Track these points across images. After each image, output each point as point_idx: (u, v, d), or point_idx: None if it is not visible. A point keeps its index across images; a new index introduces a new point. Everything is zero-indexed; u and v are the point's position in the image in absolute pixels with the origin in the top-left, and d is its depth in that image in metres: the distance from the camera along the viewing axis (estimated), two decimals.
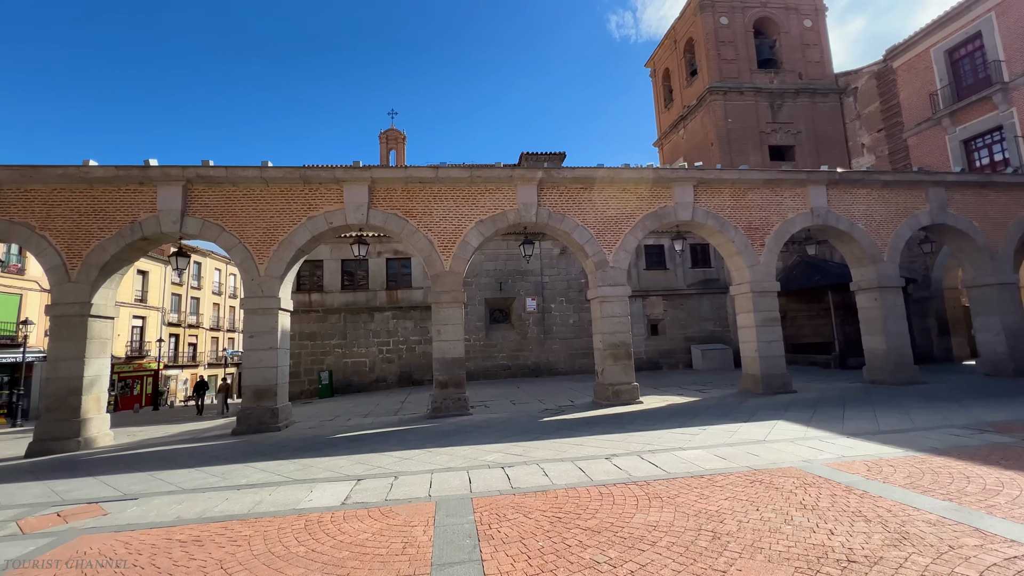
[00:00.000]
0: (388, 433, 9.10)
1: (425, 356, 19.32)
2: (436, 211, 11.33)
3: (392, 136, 26.20)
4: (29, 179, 10.07)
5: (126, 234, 10.34)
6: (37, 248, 10.09)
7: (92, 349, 10.09)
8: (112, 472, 7.07)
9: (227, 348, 40.79)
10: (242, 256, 10.57)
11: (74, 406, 9.72)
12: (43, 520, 4.99)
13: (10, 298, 23.06)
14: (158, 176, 10.41)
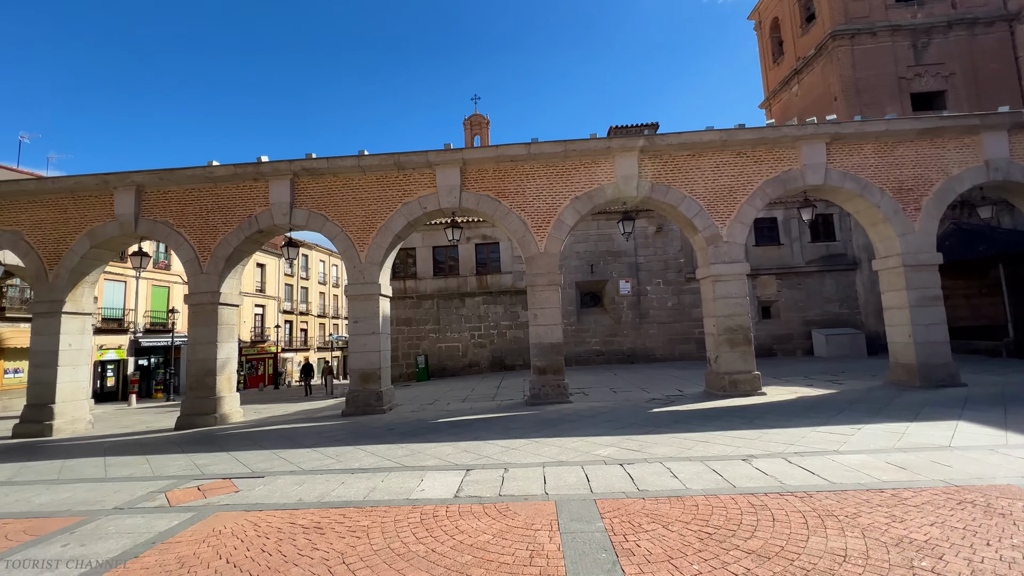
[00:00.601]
0: (489, 420, 8.88)
1: (516, 341, 19.16)
2: (529, 190, 10.82)
3: (476, 121, 26.20)
4: (166, 181, 11.16)
5: (245, 227, 11.12)
6: (175, 243, 11.20)
7: (222, 334, 11.04)
8: (242, 449, 7.57)
9: (332, 334, 44.32)
10: (344, 244, 10.90)
11: (210, 385, 10.73)
12: (187, 493, 5.31)
13: (161, 290, 26.73)
14: (269, 172, 11.01)
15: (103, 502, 5.17)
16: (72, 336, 11.32)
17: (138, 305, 25.37)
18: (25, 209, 11.38)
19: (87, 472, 6.61)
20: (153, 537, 4.08)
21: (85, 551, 3.87)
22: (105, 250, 11.59)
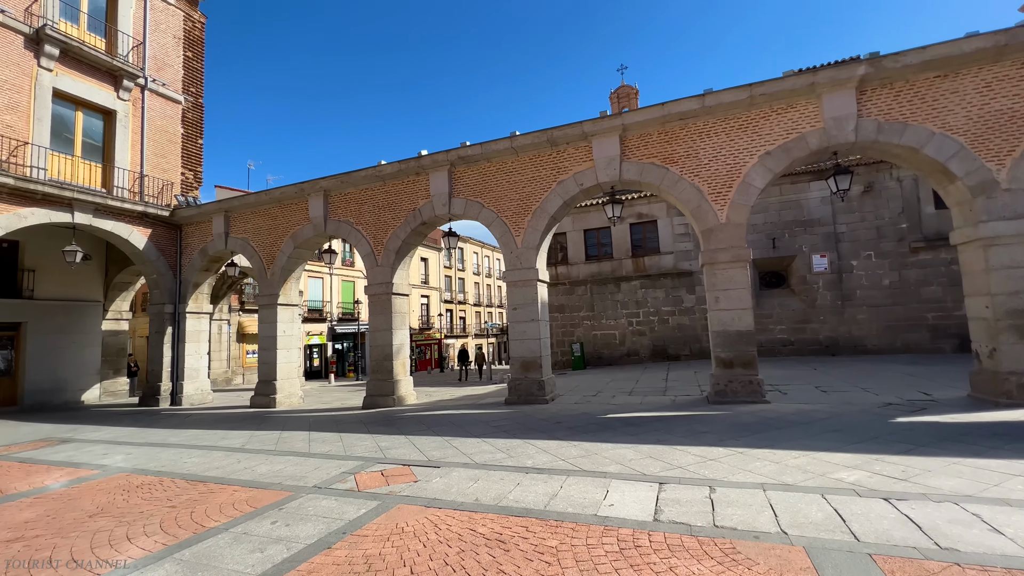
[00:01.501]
0: (668, 419, 7.72)
1: (680, 328, 17.28)
2: (704, 151, 9.19)
3: (624, 93, 24.42)
4: (345, 184, 12.30)
5: (410, 220, 11.66)
6: (355, 240, 12.29)
7: (396, 321, 11.81)
8: (417, 433, 7.74)
9: (487, 321, 46.83)
10: (500, 230, 10.67)
11: (388, 369, 11.57)
12: (372, 478, 5.38)
13: (348, 284, 31.00)
14: (429, 164, 11.33)
15: (305, 478, 5.51)
16: (285, 324, 13.30)
17: (332, 298, 29.81)
18: (249, 219, 13.67)
19: (296, 445, 7.36)
20: (343, 526, 4.02)
21: (289, 532, 3.96)
22: (304, 249, 13.32)
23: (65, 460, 7.10)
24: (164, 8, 15.00)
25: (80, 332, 15.38)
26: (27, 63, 11.73)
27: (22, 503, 5.16)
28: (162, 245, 14.13)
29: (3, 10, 11.34)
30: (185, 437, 8.56)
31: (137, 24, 14.16)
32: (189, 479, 5.77)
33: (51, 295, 14.74)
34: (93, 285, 15.90)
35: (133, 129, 13.83)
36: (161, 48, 14.78)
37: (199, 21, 16.13)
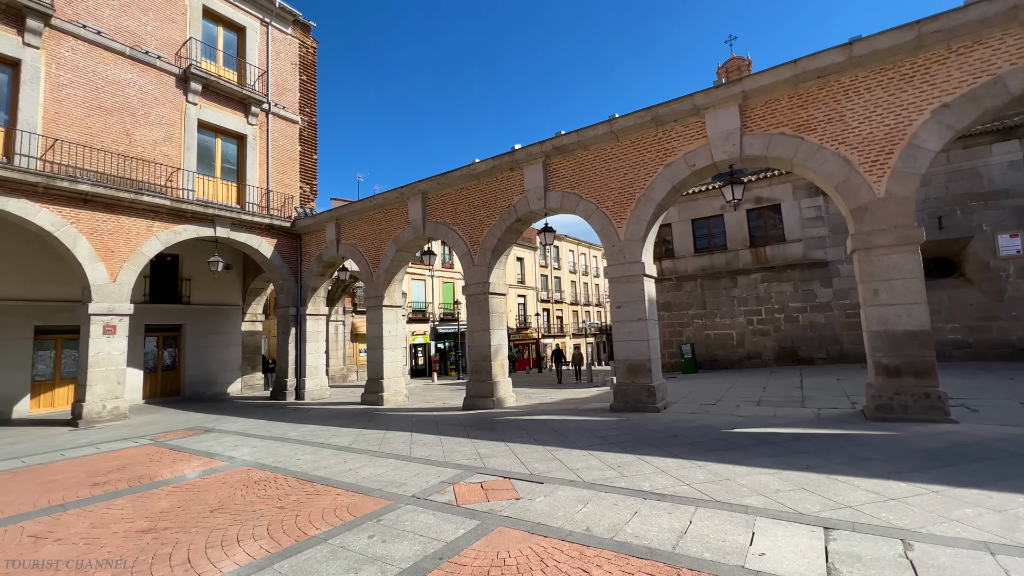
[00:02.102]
0: (816, 439, 6.37)
1: (813, 327, 14.93)
2: (852, 112, 7.55)
3: (734, 66, 21.86)
4: (442, 185, 12.36)
5: (505, 217, 11.34)
6: (452, 240, 12.29)
7: (493, 321, 11.56)
8: (517, 440, 7.29)
9: (585, 320, 45.69)
10: (600, 222, 9.88)
11: (487, 370, 11.35)
12: (471, 491, 4.99)
13: (448, 286, 32.06)
14: (522, 158, 10.90)
15: (405, 486, 5.30)
16: (390, 324, 13.79)
17: (434, 299, 31.02)
18: (356, 226, 14.43)
19: (398, 447, 7.31)
20: (440, 550, 3.63)
21: (384, 551, 3.67)
22: (406, 252, 13.69)
23: (204, 450, 7.80)
24: (283, 39, 16.49)
25: (225, 332, 17.52)
26: (178, 100, 13.50)
27: (162, 491, 5.60)
28: (285, 253, 15.49)
29: (160, 56, 13.17)
30: (302, 433, 9.04)
31: (261, 55, 15.72)
32: (300, 478, 5.89)
33: (202, 300, 16.98)
34: (234, 291, 18.03)
35: (260, 150, 15.36)
36: (281, 74, 16.26)
37: (311, 47, 17.51)
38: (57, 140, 11.14)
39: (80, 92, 11.64)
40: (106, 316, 11.48)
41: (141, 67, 12.79)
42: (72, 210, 11.07)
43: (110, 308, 11.54)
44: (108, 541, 4.18)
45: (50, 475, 6.64)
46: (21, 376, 13.06)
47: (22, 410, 13.00)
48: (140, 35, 12.84)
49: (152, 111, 12.92)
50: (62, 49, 11.42)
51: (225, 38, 15.09)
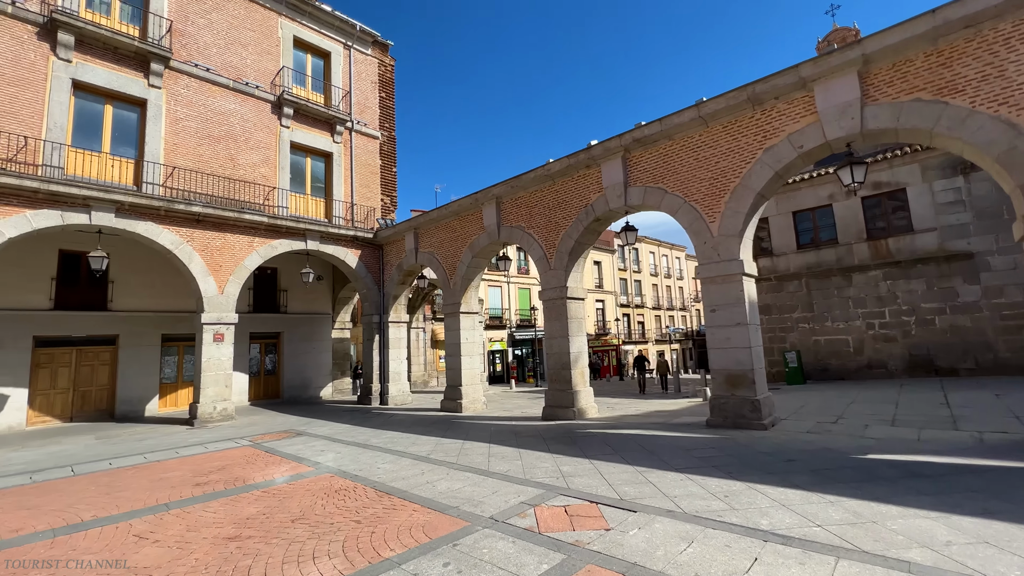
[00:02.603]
0: (984, 471, 5.07)
1: (955, 332, 12.57)
2: (1014, 64, 6.08)
3: (838, 38, 19.28)
4: (515, 188, 12.08)
5: (582, 218, 10.76)
6: (528, 244, 11.94)
7: (572, 328, 11.00)
8: (602, 457, 6.66)
9: (668, 326, 43.29)
10: (689, 217, 8.96)
11: (567, 379, 10.80)
12: (554, 516, 4.50)
13: (524, 292, 31.90)
14: (599, 154, 10.29)
15: (482, 505, 4.94)
16: (467, 331, 13.73)
17: (511, 305, 30.99)
18: (433, 234, 14.62)
19: (475, 460, 7.01)
20: None
21: None
22: (481, 258, 13.58)
23: (293, 454, 8.07)
24: (363, 59, 17.33)
25: (317, 340, 18.65)
26: (273, 124, 14.61)
27: (252, 495, 5.74)
28: (368, 263, 16.13)
29: (258, 86, 14.35)
30: (384, 439, 9.11)
31: (344, 77, 16.61)
32: (378, 489, 5.77)
33: (297, 310, 18.22)
34: (324, 300, 19.17)
35: (344, 166, 16.18)
36: (362, 93, 17.08)
37: (389, 65, 18.24)
38: (175, 168, 12.45)
39: (193, 124, 12.95)
40: (215, 325, 12.57)
41: (242, 97, 14.01)
42: (187, 230, 12.28)
43: (218, 318, 12.62)
44: (197, 547, 4.24)
45: (163, 472, 7.18)
46: (152, 379, 14.76)
47: (152, 408, 14.67)
48: (241, 68, 14.07)
49: (252, 136, 14.07)
50: (178, 87, 12.79)
51: (313, 64, 16.14)
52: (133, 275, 14.43)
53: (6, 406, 12.40)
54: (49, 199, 10.42)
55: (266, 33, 14.77)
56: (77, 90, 11.41)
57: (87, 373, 13.91)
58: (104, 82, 11.65)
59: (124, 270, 14.29)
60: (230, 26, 14.00)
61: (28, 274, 12.80)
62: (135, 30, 12.43)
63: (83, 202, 10.79)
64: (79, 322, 13.58)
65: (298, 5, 15.50)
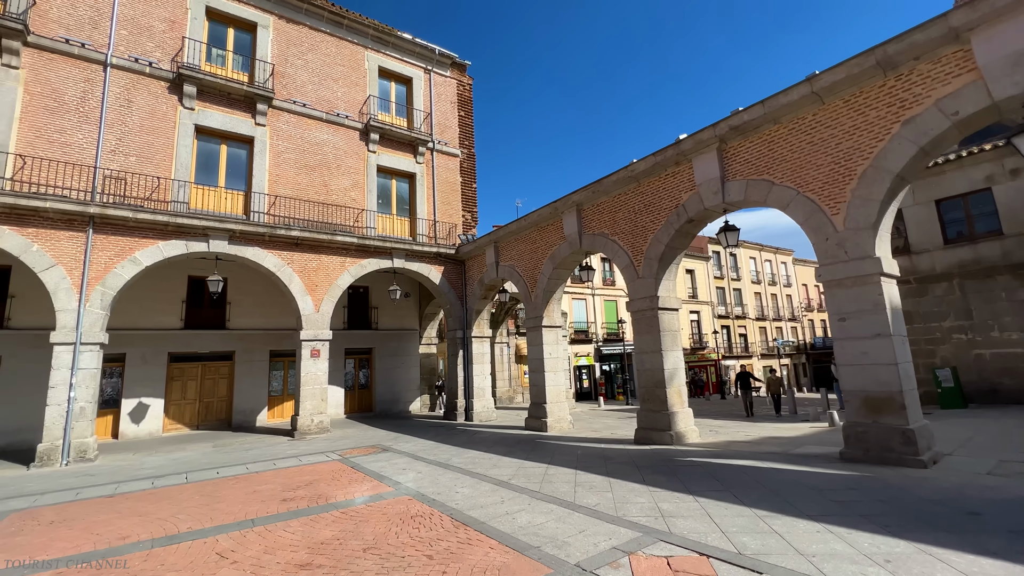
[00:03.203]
0: None
1: None
2: None
3: None
4: (596, 194, 11.38)
5: (673, 220, 9.77)
6: (612, 252, 11.14)
7: (665, 341, 9.95)
8: (710, 494, 5.66)
9: (776, 338, 39.00)
10: (805, 210, 7.65)
11: (661, 398, 9.74)
12: (654, 570, 3.72)
13: (611, 304, 30.59)
14: (690, 147, 9.29)
15: (567, 547, 4.28)
16: (550, 346, 13.15)
17: (596, 318, 29.84)
18: (513, 246, 14.34)
19: (560, 488, 6.35)
20: None
21: None
22: (563, 269, 12.99)
23: (376, 471, 8.00)
24: (443, 81, 17.83)
25: (405, 355, 19.19)
26: (361, 150, 15.42)
27: (331, 516, 5.61)
28: (451, 279, 16.27)
29: (347, 116, 15.27)
30: (465, 459, 8.77)
31: (425, 100, 17.18)
32: (454, 517, 5.35)
33: (387, 326, 18.92)
34: (412, 317, 19.74)
35: (426, 185, 16.61)
36: (442, 113, 17.53)
37: (467, 84, 18.59)
38: (277, 197, 13.52)
39: (292, 155, 14.04)
40: (312, 341, 13.30)
41: (334, 127, 14.97)
42: (288, 253, 13.21)
43: (315, 334, 13.34)
44: (269, 573, 4.08)
45: (258, 484, 7.43)
46: (261, 391, 16.04)
47: (262, 419, 15.90)
48: (333, 101, 15.08)
49: (343, 163, 14.95)
50: (279, 123, 13.97)
51: (396, 90, 16.91)
52: (246, 296, 15.89)
53: (148, 414, 14.12)
54: (176, 231, 11.75)
55: (354, 66, 15.74)
56: (199, 134, 12.87)
57: (210, 386, 15.46)
58: (220, 124, 13.03)
59: (239, 292, 15.79)
60: (323, 64, 15.11)
61: (164, 298, 14.59)
62: (244, 76, 13.84)
63: (203, 232, 12.02)
64: (203, 340, 15.18)
65: (382, 37, 16.37)
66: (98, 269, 10.81)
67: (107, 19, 11.88)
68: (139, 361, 14.13)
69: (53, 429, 9.97)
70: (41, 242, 10.32)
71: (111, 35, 11.82)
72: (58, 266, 10.41)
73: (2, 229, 9.98)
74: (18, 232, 10.13)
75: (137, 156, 11.81)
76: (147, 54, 12.27)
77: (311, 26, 15.04)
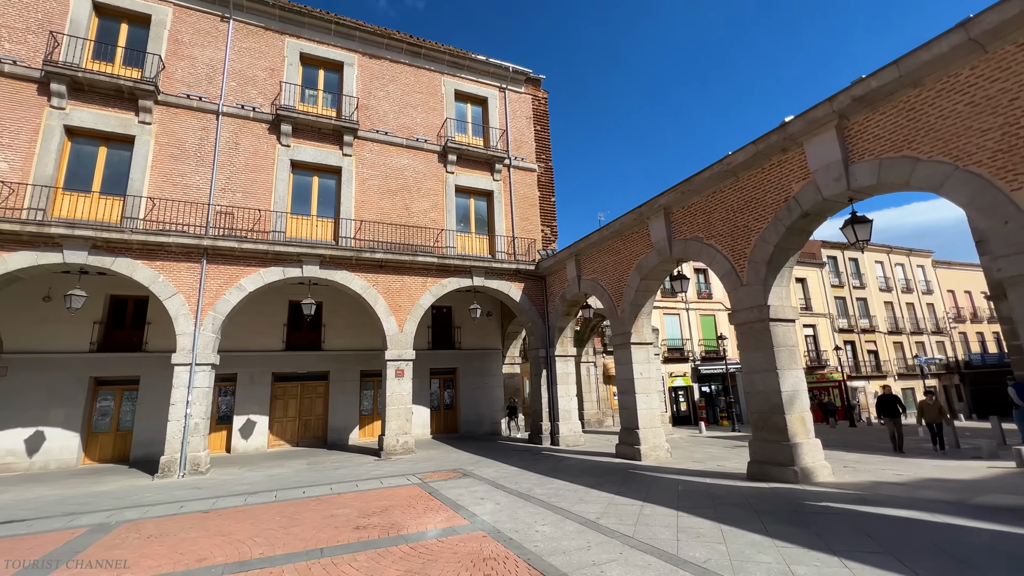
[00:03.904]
0: None
1: None
2: None
3: None
4: (687, 194, 10.23)
5: (782, 216, 8.36)
6: (709, 258, 9.87)
7: (781, 358, 8.44)
8: (861, 555, 4.32)
9: (918, 355, 33.06)
10: (970, 189, 5.99)
11: (779, 426, 8.20)
12: None
13: (708, 319, 28.04)
14: (799, 129, 7.91)
15: None
16: (641, 365, 11.96)
17: (692, 335, 27.45)
18: (595, 258, 13.47)
19: (659, 535, 5.33)
20: None
21: None
22: (651, 280, 11.84)
23: (453, 499, 7.50)
24: (517, 97, 17.74)
25: (489, 375, 18.89)
26: (440, 172, 15.67)
27: (399, 551, 5.15)
28: (532, 296, 15.74)
29: (426, 140, 15.65)
30: (548, 490, 7.97)
31: (500, 117, 17.16)
32: (531, 564, 4.61)
33: (470, 345, 18.82)
34: (494, 336, 19.47)
35: (504, 201, 16.41)
36: (517, 129, 17.37)
37: (543, 98, 18.32)
38: (363, 222, 14.06)
39: (376, 182, 14.60)
40: (396, 361, 13.43)
41: (413, 152, 15.40)
42: (372, 275, 13.60)
43: (399, 354, 13.48)
44: None
45: (337, 507, 7.28)
46: (353, 411, 16.60)
47: (354, 437, 16.40)
48: (412, 127, 15.56)
49: (423, 185, 15.26)
50: (364, 152, 14.65)
51: (472, 111, 17.10)
52: (339, 319, 16.69)
53: (255, 431, 15.17)
54: (274, 258, 12.59)
55: (431, 92, 16.19)
56: (293, 167, 13.87)
57: (308, 404, 16.31)
58: (311, 158, 13.95)
59: (332, 315, 16.64)
60: (403, 92, 15.71)
61: (268, 322, 15.76)
62: (332, 111, 14.77)
63: (297, 258, 12.76)
64: (302, 360, 16.12)
65: (457, 61, 16.72)
66: (210, 296, 11.84)
67: (219, 74, 13.34)
68: (248, 381, 15.30)
69: (172, 443, 10.90)
70: (166, 273, 11.55)
71: (222, 88, 13.24)
72: (179, 294, 11.55)
73: (137, 263, 11.33)
74: (149, 265, 11.42)
75: (243, 192, 12.94)
76: (251, 100, 13.55)
77: (391, 59, 15.77)
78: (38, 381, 13.00)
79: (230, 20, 13.75)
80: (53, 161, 11.31)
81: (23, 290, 12.93)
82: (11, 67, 11.26)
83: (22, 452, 12.63)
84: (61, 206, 11.45)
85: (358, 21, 15.19)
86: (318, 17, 14.70)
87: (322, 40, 14.88)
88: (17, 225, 10.25)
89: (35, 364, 13.06)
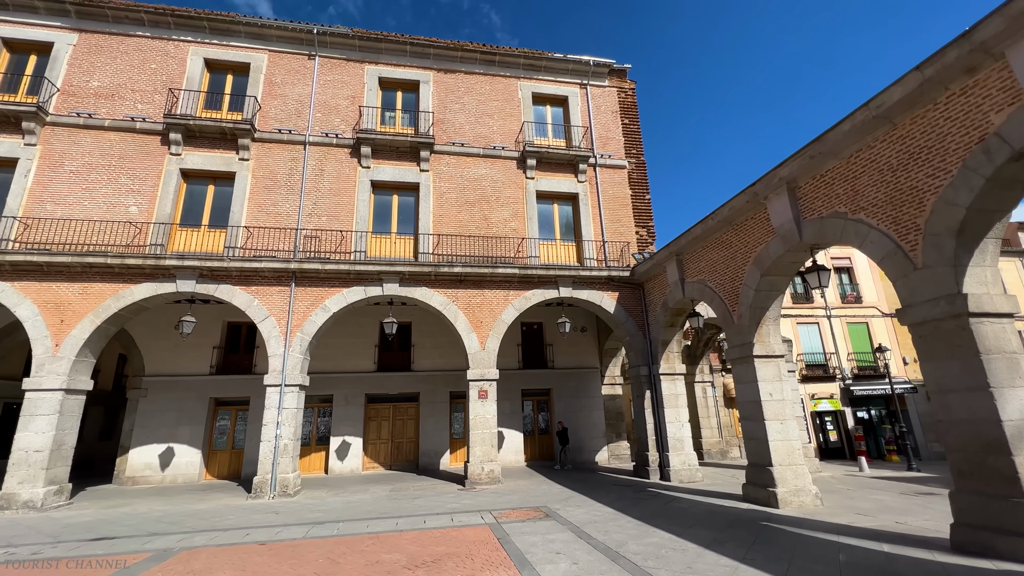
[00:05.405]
0: None
1: None
2: None
3: None
4: (819, 157, 7.86)
5: (976, 164, 5.79)
6: (859, 239, 7.36)
7: (995, 371, 5.69)
8: None
9: None
10: None
11: (1002, 473, 5.45)
12: None
13: (858, 327, 22.94)
14: (995, 35, 5.39)
15: None
16: (769, 384, 9.48)
17: (838, 347, 22.62)
18: (700, 255, 11.30)
19: None
20: None
21: None
22: (774, 276, 9.42)
23: (522, 552, 6.06)
24: (601, 92, 16.30)
25: (586, 396, 17.09)
26: (519, 179, 14.74)
27: None
28: (628, 305, 13.85)
29: (504, 147, 14.89)
30: (647, 547, 6.15)
31: (583, 115, 15.83)
32: None
33: (564, 364, 17.27)
34: (591, 353, 17.69)
35: (591, 204, 14.89)
36: (603, 125, 15.86)
37: (630, 89, 16.63)
38: (441, 236, 13.58)
39: (453, 194, 14.12)
40: (479, 381, 12.47)
41: (491, 161, 14.70)
42: (452, 290, 12.94)
43: (481, 374, 12.51)
44: None
45: (388, 551, 6.29)
46: (443, 434, 15.96)
47: (445, 462, 15.69)
48: (488, 136, 14.94)
49: (501, 194, 14.44)
50: (440, 165, 14.31)
51: (552, 112, 16.03)
52: (427, 339, 16.36)
53: (350, 452, 15.22)
54: (356, 278, 12.55)
55: (507, 98, 15.49)
56: (374, 188, 13.95)
57: (400, 426, 16.06)
58: (390, 176, 13.93)
59: (421, 335, 16.37)
60: (478, 102, 15.23)
61: (361, 343, 15.95)
62: (409, 129, 14.74)
63: (377, 277, 12.59)
64: (392, 381, 15.98)
65: (533, 63, 15.88)
66: (298, 317, 12.07)
67: (307, 107, 14.03)
68: (343, 402, 15.51)
69: (264, 464, 11.04)
70: (260, 297, 12.03)
71: (309, 119, 13.88)
72: (271, 317, 11.93)
73: (235, 289, 11.97)
74: (245, 290, 12.00)
75: (328, 215, 13.24)
76: (334, 128, 14.02)
77: (465, 71, 15.45)
78: (170, 401, 14.41)
79: (316, 57, 14.51)
80: (171, 201, 12.57)
81: (158, 319, 14.54)
82: (141, 124, 12.88)
83: (156, 466, 13.95)
84: (177, 241, 12.63)
85: (431, 39, 15.16)
86: (394, 41, 14.94)
87: (398, 63, 15.06)
88: (140, 260, 11.39)
89: (168, 386, 14.52)
